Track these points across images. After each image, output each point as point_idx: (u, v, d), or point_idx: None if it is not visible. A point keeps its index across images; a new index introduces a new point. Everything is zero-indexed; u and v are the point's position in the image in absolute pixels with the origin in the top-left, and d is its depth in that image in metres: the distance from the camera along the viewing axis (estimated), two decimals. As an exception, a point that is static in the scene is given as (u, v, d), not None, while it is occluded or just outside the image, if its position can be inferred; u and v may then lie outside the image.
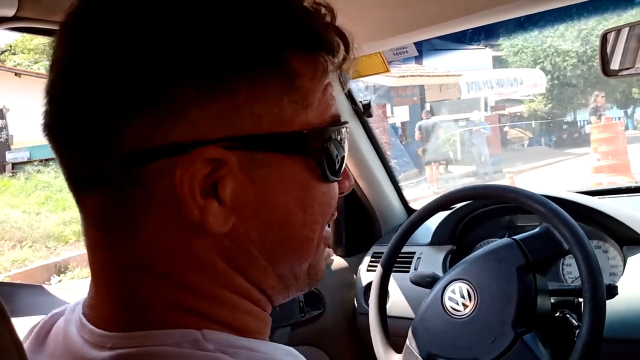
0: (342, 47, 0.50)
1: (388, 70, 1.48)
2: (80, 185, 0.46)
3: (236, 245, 0.46)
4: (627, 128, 16.70)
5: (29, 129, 9.98)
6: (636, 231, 1.30)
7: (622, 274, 1.28)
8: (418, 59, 13.51)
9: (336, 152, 0.50)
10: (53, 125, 0.45)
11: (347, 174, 0.55)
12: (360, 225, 1.80)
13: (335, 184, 0.52)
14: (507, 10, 1.15)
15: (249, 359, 0.44)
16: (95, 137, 0.43)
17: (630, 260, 1.28)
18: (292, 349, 0.49)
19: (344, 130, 0.52)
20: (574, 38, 15.77)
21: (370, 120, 1.72)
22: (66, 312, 0.53)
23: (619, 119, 14.50)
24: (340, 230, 1.80)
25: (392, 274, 1.39)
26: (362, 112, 1.65)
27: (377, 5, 1.08)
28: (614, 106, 16.99)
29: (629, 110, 17.43)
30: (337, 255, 1.78)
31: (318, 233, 0.51)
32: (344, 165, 0.52)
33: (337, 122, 0.51)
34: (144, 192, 0.43)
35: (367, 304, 1.57)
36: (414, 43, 1.45)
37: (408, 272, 1.54)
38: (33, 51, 14.37)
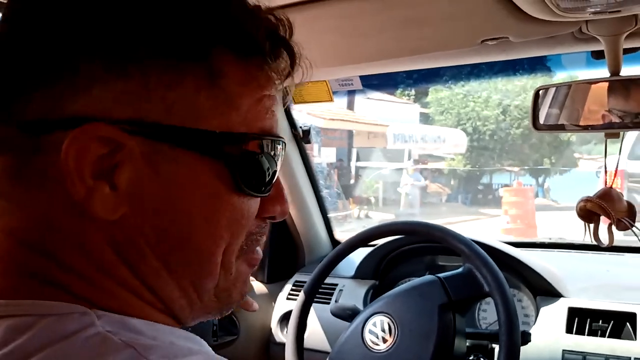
0: (285, 60, 0.49)
1: (332, 100, 1.51)
2: None
3: (127, 238, 0.43)
4: (537, 195, 17.83)
5: None
6: (550, 283, 1.37)
7: (534, 324, 1.33)
8: (350, 105, 13.90)
9: (261, 165, 0.47)
10: None
11: (283, 199, 0.52)
12: (284, 252, 1.79)
13: (255, 202, 0.48)
14: (453, 56, 1.21)
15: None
16: (3, 102, 0.42)
17: (543, 310, 1.34)
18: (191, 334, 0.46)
19: (278, 146, 0.49)
20: (495, 106, 16.77)
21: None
22: None
23: (531, 185, 15.42)
24: (263, 255, 1.76)
25: (313, 304, 1.37)
26: (301, 138, 1.66)
27: (330, 32, 1.09)
28: (526, 174, 18.11)
29: (540, 179, 18.62)
30: (257, 280, 1.74)
31: (224, 251, 0.47)
32: (271, 182, 0.49)
33: (266, 134, 0.48)
34: (41, 164, 0.42)
35: (284, 334, 1.54)
36: (360, 77, 1.49)
37: (329, 303, 1.53)
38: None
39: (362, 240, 1.37)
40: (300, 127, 1.67)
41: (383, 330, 1.18)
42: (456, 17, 0.96)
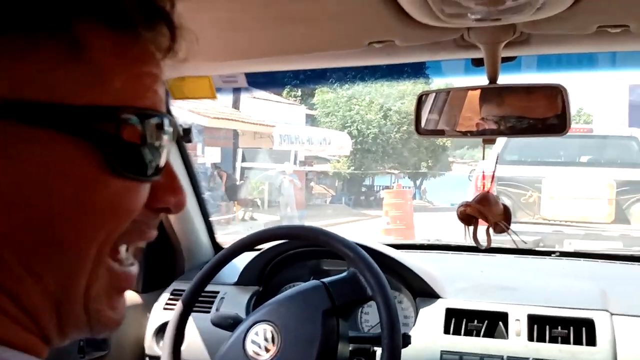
0: (165, 33, 0.44)
1: (214, 97, 1.45)
2: None
3: None
4: (415, 197, 18.80)
5: None
6: (429, 284, 1.41)
7: (413, 325, 1.36)
8: (235, 104, 13.75)
9: (139, 144, 0.41)
10: None
11: (177, 188, 0.46)
12: (161, 259, 1.68)
13: (140, 188, 0.43)
14: (340, 57, 1.20)
15: None
16: None
17: (422, 311, 1.38)
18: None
19: (165, 123, 0.43)
20: (378, 110, 17.45)
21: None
22: None
23: (409, 188, 16.22)
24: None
25: (192, 314, 1.31)
26: (182, 137, 1.58)
27: (213, 25, 1.04)
28: (405, 176, 19.04)
29: (418, 182, 19.68)
30: (131, 290, 1.63)
31: (100, 243, 0.41)
32: (157, 165, 0.43)
33: (146, 109, 0.42)
34: None
35: (160, 346, 1.46)
36: (246, 75, 1.44)
37: (209, 312, 1.47)
38: None
39: (245, 245, 1.33)
40: (181, 125, 1.58)
41: (266, 340, 1.15)
42: (343, 17, 0.95)
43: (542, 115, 1.02)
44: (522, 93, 1.05)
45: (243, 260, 1.51)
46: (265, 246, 1.52)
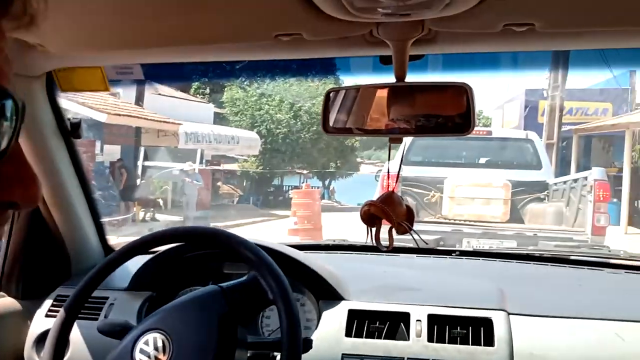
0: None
1: (107, 89, 1.35)
2: None
3: None
4: (323, 197, 19.00)
5: None
6: (332, 286, 1.38)
7: (316, 328, 1.33)
8: (138, 100, 13.21)
9: None
10: None
11: (28, 179, 0.40)
12: (45, 262, 1.54)
13: None
14: (247, 50, 1.16)
15: None
16: None
17: (325, 314, 1.35)
18: None
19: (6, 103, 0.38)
20: (288, 110, 17.46)
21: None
22: None
23: (318, 188, 16.36)
24: (14, 265, 1.51)
25: (77, 321, 1.20)
26: (70, 132, 1.46)
27: (104, 11, 0.95)
28: (314, 176, 19.21)
29: (327, 182, 19.92)
30: (9, 296, 1.48)
31: None
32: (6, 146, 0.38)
33: None
34: None
35: (40, 357, 1.34)
36: (142, 66, 1.35)
37: (97, 319, 1.36)
38: None
39: (138, 247, 1.24)
40: (69, 120, 1.46)
41: (156, 349, 1.07)
42: (247, 7, 0.91)
43: (447, 114, 1.02)
44: (429, 92, 1.04)
45: (136, 263, 1.41)
46: (162, 249, 1.43)
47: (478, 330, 1.28)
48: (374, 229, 1.14)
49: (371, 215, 1.12)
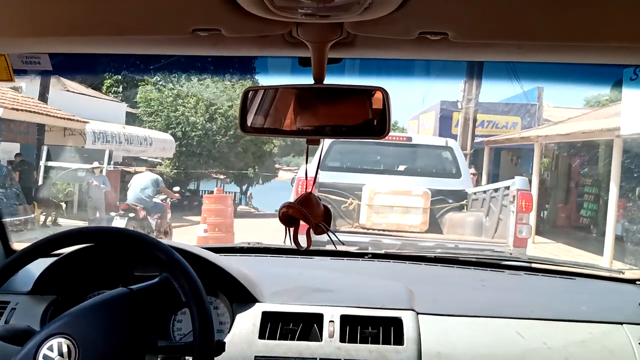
0: None
1: (11, 79, 1.29)
2: None
3: None
4: (240, 202, 18.81)
5: None
6: (246, 288, 1.39)
7: (229, 331, 1.34)
8: (43, 96, 12.53)
9: None
10: None
11: None
12: None
13: None
14: (162, 43, 1.14)
15: None
16: None
17: (239, 317, 1.36)
18: None
19: None
20: (203, 112, 17.18)
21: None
22: None
23: (234, 194, 16.15)
24: None
25: (-30, 327, 1.13)
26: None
27: None
28: (232, 181, 19.00)
29: (244, 187, 19.75)
30: None
31: None
32: None
33: None
34: None
35: None
36: (50, 56, 1.30)
37: None
38: None
39: (42, 247, 1.18)
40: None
41: (61, 355, 1.03)
42: None
43: (364, 117, 1.06)
44: (346, 95, 1.07)
45: (40, 266, 1.36)
46: (67, 250, 1.38)
47: (388, 330, 1.33)
48: (292, 230, 1.17)
49: (289, 217, 1.15)
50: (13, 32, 1.12)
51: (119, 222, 8.46)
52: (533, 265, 1.93)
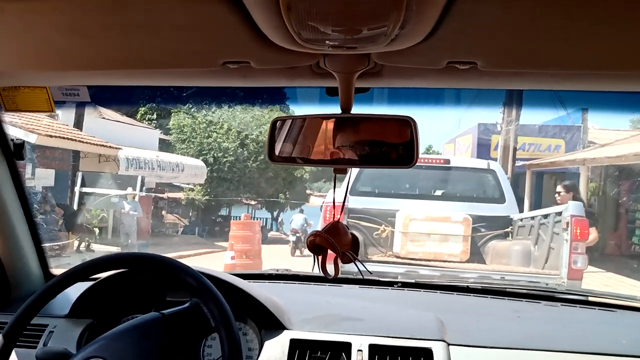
0: None
1: (52, 110, 1.37)
2: None
3: None
4: (271, 228, 18.89)
5: None
6: (275, 315, 1.43)
7: (257, 357, 1.37)
8: (78, 123, 12.90)
9: None
10: None
11: None
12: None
13: None
14: (194, 76, 1.20)
15: None
16: None
17: (267, 344, 1.39)
18: None
19: None
20: (235, 138, 17.44)
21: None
22: None
23: (266, 220, 16.17)
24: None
25: (16, 349, 1.20)
26: (13, 153, 1.47)
27: (50, 29, 0.97)
28: (263, 207, 19.14)
29: (275, 213, 19.86)
30: None
31: None
32: None
33: None
34: None
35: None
36: (88, 87, 1.39)
37: (36, 347, 1.36)
38: None
39: (80, 273, 1.24)
40: (12, 140, 1.48)
41: (97, 377, 1.08)
42: (196, 32, 0.94)
43: (391, 146, 1.09)
44: (374, 124, 1.11)
45: (77, 290, 1.42)
46: (103, 275, 1.44)
47: None
48: (320, 258, 1.20)
49: (317, 245, 1.18)
50: (55, 66, 1.19)
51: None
52: (579, 297, 1.89)
